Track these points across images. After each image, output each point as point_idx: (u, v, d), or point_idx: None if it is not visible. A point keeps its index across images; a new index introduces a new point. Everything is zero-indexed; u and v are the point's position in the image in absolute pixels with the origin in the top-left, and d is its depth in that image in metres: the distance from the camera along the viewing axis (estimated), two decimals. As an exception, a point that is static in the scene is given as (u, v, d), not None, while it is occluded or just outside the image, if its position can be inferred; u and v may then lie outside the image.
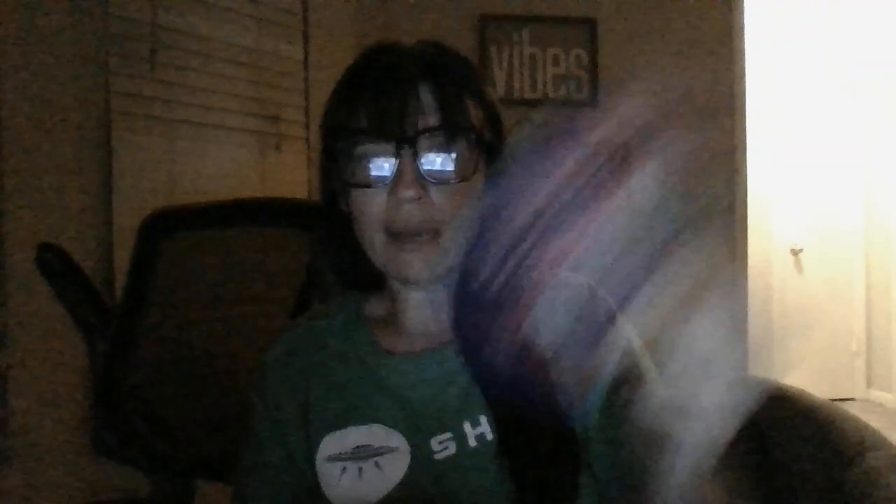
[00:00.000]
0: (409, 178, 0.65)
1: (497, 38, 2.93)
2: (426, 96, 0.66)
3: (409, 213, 0.66)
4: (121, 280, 1.55)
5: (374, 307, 0.79)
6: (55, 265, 1.38)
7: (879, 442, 0.79)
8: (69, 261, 1.39)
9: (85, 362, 1.66)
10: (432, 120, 0.66)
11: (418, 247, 0.67)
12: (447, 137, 0.66)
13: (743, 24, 3.15)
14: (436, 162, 0.66)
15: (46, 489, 1.63)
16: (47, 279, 1.39)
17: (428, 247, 0.67)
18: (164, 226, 1.35)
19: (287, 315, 1.44)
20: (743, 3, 3.15)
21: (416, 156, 0.65)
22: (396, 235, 0.67)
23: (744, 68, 3.17)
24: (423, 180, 0.66)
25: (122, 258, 1.68)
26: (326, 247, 0.77)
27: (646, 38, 3.07)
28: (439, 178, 0.66)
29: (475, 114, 0.69)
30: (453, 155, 0.67)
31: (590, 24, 3.01)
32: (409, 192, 0.65)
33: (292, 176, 2.32)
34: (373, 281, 0.76)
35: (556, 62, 3.00)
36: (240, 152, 2.18)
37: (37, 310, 1.60)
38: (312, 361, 0.76)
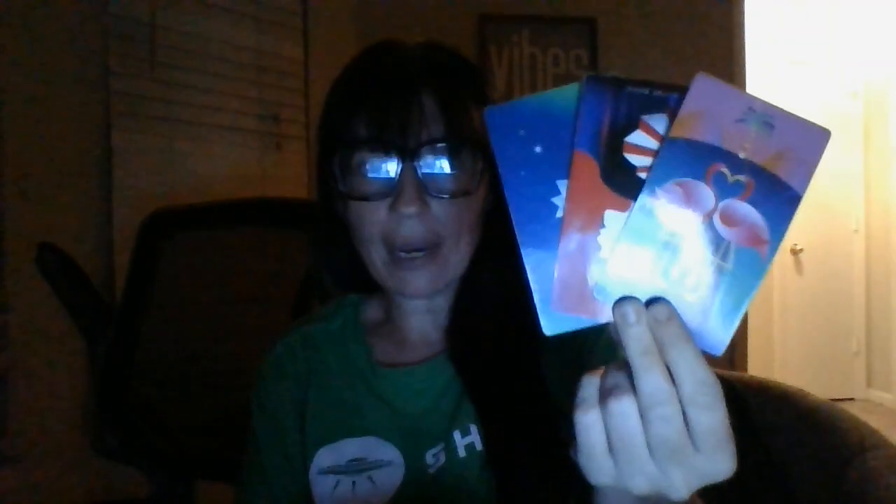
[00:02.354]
0: (410, 192, 0.62)
1: (497, 38, 2.93)
2: (429, 104, 0.63)
3: (410, 228, 0.63)
4: (121, 280, 1.55)
5: (372, 310, 0.77)
6: (55, 265, 1.38)
7: (879, 442, 0.79)
8: (69, 261, 1.39)
9: (85, 362, 1.66)
10: (435, 130, 0.62)
11: (419, 263, 0.64)
12: (450, 149, 0.63)
13: (743, 24, 3.15)
14: (439, 175, 0.63)
15: (46, 489, 1.63)
16: (47, 279, 1.39)
17: (429, 263, 0.65)
18: (164, 226, 1.35)
19: (287, 315, 1.44)
20: (743, 3, 3.15)
21: (417, 168, 0.62)
22: (396, 251, 0.64)
23: (744, 68, 3.16)
24: (426, 194, 0.62)
25: (122, 258, 1.68)
26: (323, 250, 0.74)
27: (646, 38, 3.07)
28: (442, 193, 0.63)
29: (479, 121, 0.65)
30: (457, 167, 0.63)
31: (590, 24, 3.01)
32: (411, 208, 0.62)
33: (292, 176, 2.32)
34: (370, 284, 0.73)
35: (556, 62, 2.99)
36: (240, 152, 2.18)
37: (37, 310, 1.60)
38: (310, 368, 0.75)
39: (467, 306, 0.70)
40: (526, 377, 0.65)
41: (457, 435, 0.66)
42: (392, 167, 0.63)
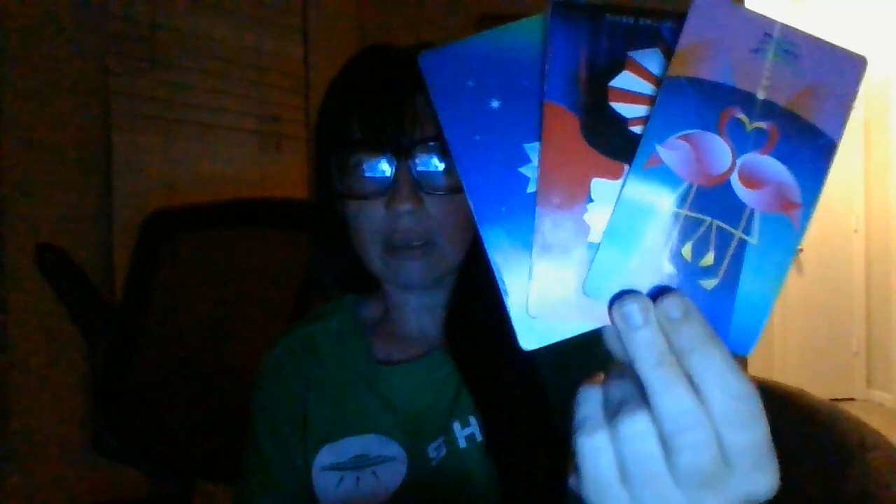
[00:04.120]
0: (405, 190, 0.63)
1: (497, 38, 2.92)
2: (421, 104, 0.64)
3: (405, 225, 0.65)
4: (121, 280, 1.55)
5: (371, 310, 0.78)
6: (55, 265, 1.38)
7: (879, 442, 0.79)
8: (69, 261, 1.39)
9: (85, 362, 1.66)
10: (428, 129, 0.64)
11: (414, 256, 0.66)
12: (443, 147, 0.64)
13: (743, 24, 3.15)
14: (433, 173, 0.65)
15: (46, 489, 1.63)
16: (47, 279, 1.39)
17: (424, 255, 0.66)
18: (164, 226, 1.35)
19: (287, 315, 1.44)
20: (743, 2, 3.15)
21: (412, 167, 0.64)
22: (392, 246, 0.66)
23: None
24: (420, 191, 0.64)
25: (122, 258, 1.69)
26: (322, 250, 0.76)
27: (646, 38, 3.07)
28: (436, 190, 0.65)
29: None
30: (450, 164, 0.64)
31: (590, 24, 3.00)
32: (406, 206, 0.63)
33: (292, 176, 2.32)
34: (369, 284, 0.75)
35: (556, 62, 2.99)
36: (240, 152, 2.18)
37: (37, 310, 1.60)
38: (310, 368, 0.76)
39: (465, 300, 0.71)
40: (522, 368, 0.66)
41: (456, 426, 0.67)
42: (387, 166, 0.64)
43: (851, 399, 4.68)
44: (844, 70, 0.32)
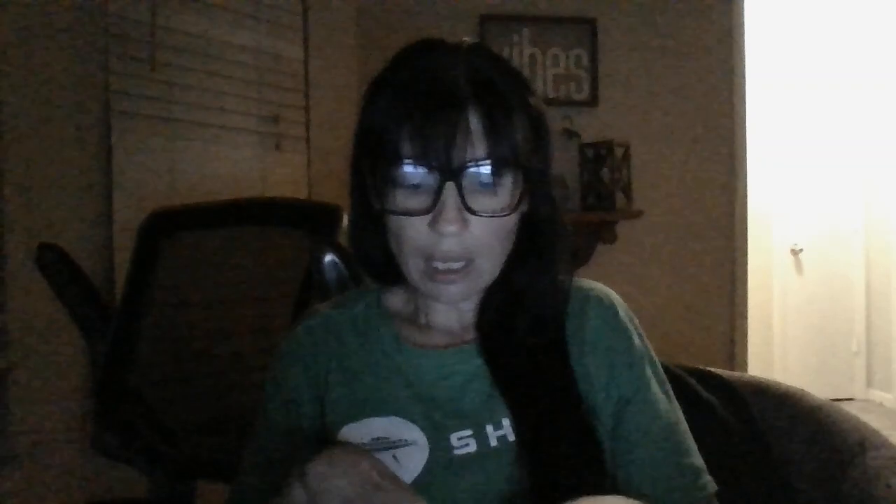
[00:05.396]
0: (451, 212, 0.63)
1: (497, 38, 2.92)
2: (474, 122, 0.63)
3: (448, 245, 0.65)
4: (121, 280, 1.55)
5: (396, 299, 0.78)
6: (55, 265, 1.38)
7: (879, 442, 0.79)
8: (69, 261, 1.39)
9: (85, 362, 1.66)
10: (479, 150, 0.63)
11: (454, 277, 0.66)
12: (493, 170, 0.64)
13: (743, 24, 3.15)
14: (480, 194, 0.64)
15: (46, 489, 1.63)
16: (47, 279, 1.39)
17: (464, 276, 0.66)
18: (164, 226, 1.35)
19: (287, 315, 1.44)
20: (743, 3, 3.15)
21: (459, 188, 0.63)
22: (433, 262, 0.66)
23: (743, 68, 3.16)
24: (466, 212, 0.64)
25: (122, 258, 1.68)
26: (357, 241, 0.75)
27: (646, 38, 3.07)
28: (482, 212, 0.64)
29: (522, 133, 0.65)
30: (498, 187, 0.65)
31: (590, 24, 3.01)
32: (452, 228, 0.63)
33: (292, 176, 2.32)
34: (398, 274, 0.73)
35: (556, 62, 2.99)
36: (240, 152, 2.18)
37: (37, 310, 1.60)
38: (331, 350, 0.76)
39: (499, 301, 0.72)
40: (556, 368, 0.68)
41: (489, 428, 0.68)
42: (434, 185, 0.63)
43: (851, 399, 4.69)
44: None
